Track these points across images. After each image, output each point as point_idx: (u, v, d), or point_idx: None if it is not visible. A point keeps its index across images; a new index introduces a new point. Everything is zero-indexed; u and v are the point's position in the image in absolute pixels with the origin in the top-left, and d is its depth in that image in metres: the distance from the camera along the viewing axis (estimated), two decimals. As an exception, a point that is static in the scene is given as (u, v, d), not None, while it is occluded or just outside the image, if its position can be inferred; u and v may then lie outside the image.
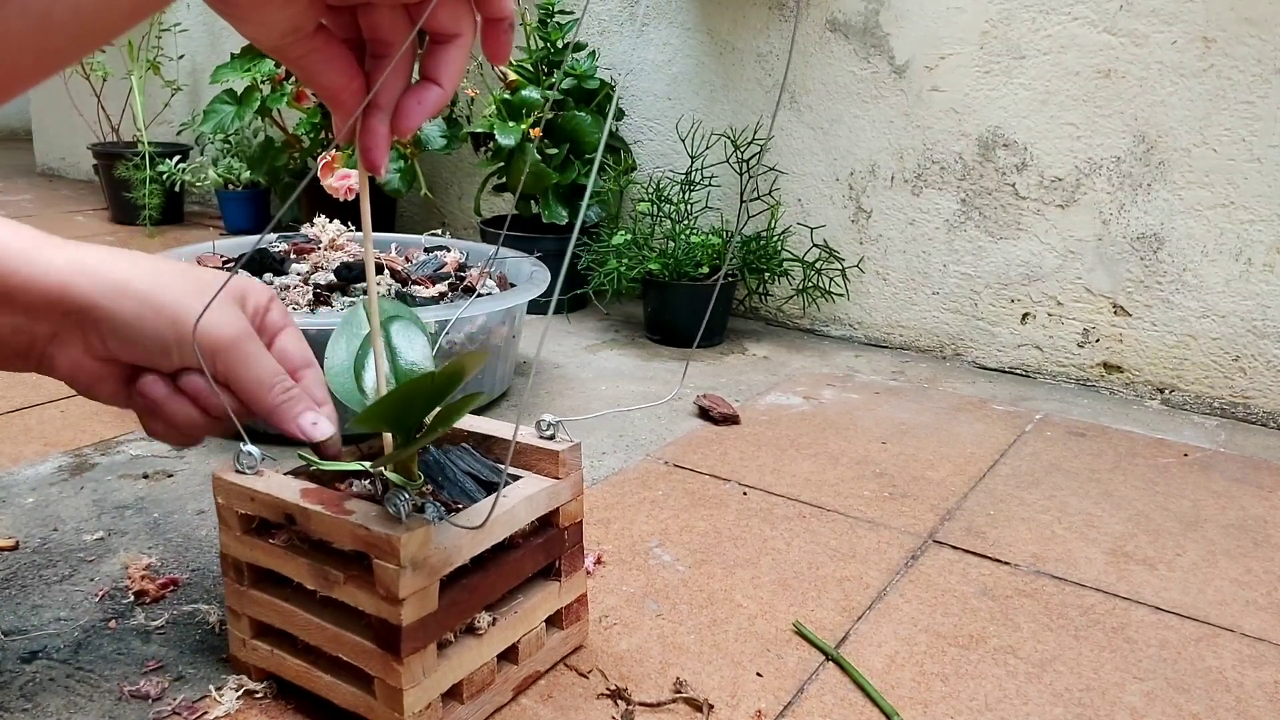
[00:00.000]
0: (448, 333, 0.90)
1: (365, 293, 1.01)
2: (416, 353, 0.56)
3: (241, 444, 0.54)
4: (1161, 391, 1.17)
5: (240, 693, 0.56)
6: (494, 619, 0.55)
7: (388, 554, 0.47)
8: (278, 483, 0.53)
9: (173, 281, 0.52)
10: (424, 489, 0.53)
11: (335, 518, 0.49)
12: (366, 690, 0.51)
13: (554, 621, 0.60)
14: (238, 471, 0.54)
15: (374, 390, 0.54)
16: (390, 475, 0.52)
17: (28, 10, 0.26)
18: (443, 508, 0.53)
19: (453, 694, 0.53)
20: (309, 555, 0.52)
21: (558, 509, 0.58)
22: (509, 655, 0.57)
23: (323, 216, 1.18)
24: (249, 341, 0.53)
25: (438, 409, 0.49)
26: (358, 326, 0.58)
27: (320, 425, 0.53)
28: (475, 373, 0.59)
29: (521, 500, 0.54)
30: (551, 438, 0.59)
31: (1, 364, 0.54)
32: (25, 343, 0.52)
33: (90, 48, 0.30)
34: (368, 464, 0.56)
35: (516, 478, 0.57)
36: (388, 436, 0.54)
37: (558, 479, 0.57)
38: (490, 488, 0.55)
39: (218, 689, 0.56)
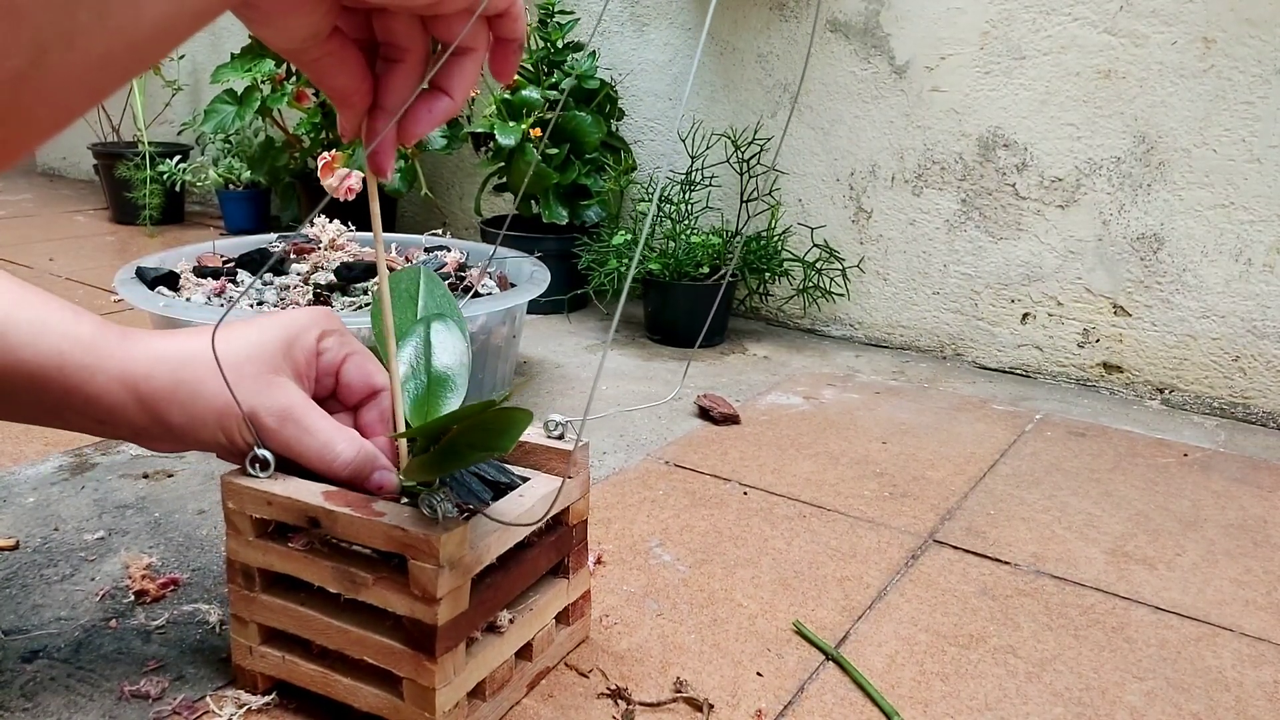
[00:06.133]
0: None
1: (366, 293, 1.01)
2: (450, 356, 0.56)
3: (255, 447, 0.53)
4: (1161, 391, 1.17)
5: (242, 711, 0.55)
6: (512, 617, 0.55)
7: (425, 554, 0.47)
8: (297, 486, 0.52)
9: (206, 373, 0.52)
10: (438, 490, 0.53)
11: (367, 520, 0.49)
12: (392, 692, 0.51)
13: (561, 618, 0.61)
14: (249, 475, 0.53)
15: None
16: (407, 479, 0.52)
17: (90, 50, 0.27)
18: (454, 509, 0.53)
19: (476, 692, 0.53)
20: (332, 558, 0.51)
21: (568, 507, 0.59)
22: (523, 652, 0.57)
23: (323, 216, 1.18)
24: (291, 420, 0.52)
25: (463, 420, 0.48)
26: (400, 314, 0.58)
27: (386, 484, 0.54)
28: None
29: (539, 499, 0.55)
30: (560, 437, 0.59)
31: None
32: (111, 434, 0.54)
33: (131, 78, 0.30)
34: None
35: (525, 478, 0.57)
36: (402, 443, 0.54)
37: (568, 478, 0.57)
38: (497, 487, 0.55)
39: (217, 703, 0.56)
